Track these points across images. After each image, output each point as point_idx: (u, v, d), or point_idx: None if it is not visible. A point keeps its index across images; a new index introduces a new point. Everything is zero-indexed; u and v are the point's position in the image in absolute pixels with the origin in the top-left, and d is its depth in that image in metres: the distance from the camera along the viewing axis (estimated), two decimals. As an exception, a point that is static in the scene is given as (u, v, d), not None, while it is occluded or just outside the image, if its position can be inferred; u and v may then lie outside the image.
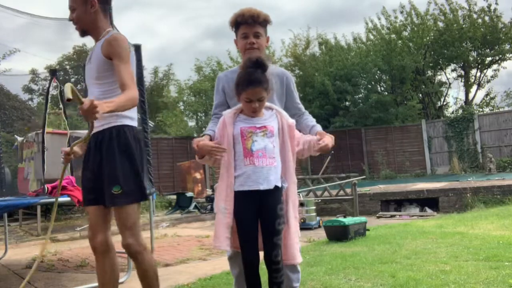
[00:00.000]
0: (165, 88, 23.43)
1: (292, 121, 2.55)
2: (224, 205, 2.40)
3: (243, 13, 2.66)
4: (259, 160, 2.39)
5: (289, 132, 2.52)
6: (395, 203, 10.14)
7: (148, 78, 23.29)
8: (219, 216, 2.41)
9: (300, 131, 2.69)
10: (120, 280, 4.04)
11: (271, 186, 2.39)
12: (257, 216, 2.41)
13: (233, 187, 2.40)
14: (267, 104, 2.56)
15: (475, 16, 18.34)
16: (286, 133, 2.51)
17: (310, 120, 2.83)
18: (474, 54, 19.15)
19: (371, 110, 17.90)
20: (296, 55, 21.20)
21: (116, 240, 2.56)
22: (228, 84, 2.67)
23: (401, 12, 19.37)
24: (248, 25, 2.65)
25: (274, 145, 2.45)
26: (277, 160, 2.45)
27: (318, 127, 2.78)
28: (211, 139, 2.51)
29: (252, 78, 2.38)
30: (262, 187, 2.38)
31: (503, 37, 18.18)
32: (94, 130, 2.46)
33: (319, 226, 7.51)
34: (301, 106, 2.91)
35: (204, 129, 18.59)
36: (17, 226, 8.49)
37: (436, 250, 4.54)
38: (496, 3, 17.97)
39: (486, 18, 18.12)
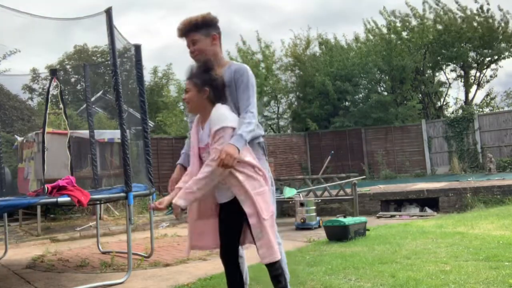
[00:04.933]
0: (165, 88, 23.41)
1: (215, 128, 2.47)
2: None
3: (177, 29, 2.80)
4: None
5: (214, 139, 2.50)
6: (395, 203, 10.12)
7: (148, 77, 23.27)
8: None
9: None
10: (120, 280, 4.05)
11: (226, 199, 2.56)
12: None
13: None
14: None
15: (470, 18, 18.30)
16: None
17: (240, 128, 2.50)
18: (473, 54, 19.15)
19: (371, 110, 17.88)
20: (296, 55, 21.19)
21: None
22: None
23: (400, 13, 19.37)
24: (184, 37, 2.80)
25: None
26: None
27: (232, 139, 2.43)
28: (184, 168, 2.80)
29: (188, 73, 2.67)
30: (223, 202, 2.59)
31: (500, 37, 18.17)
32: None
33: (319, 226, 7.51)
34: (248, 107, 2.61)
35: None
36: (17, 226, 8.49)
37: (436, 250, 4.54)
38: (488, 3, 17.97)
39: (481, 19, 18.10)
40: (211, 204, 2.63)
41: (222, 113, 2.50)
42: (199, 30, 2.74)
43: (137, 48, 5.39)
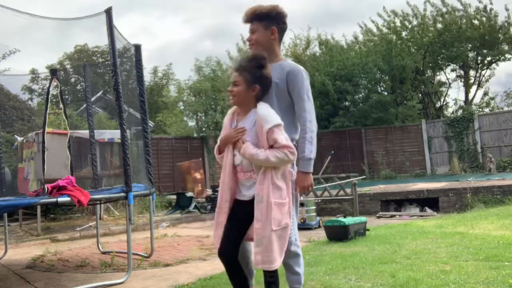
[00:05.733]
0: (165, 88, 23.43)
1: (267, 128, 2.47)
2: None
3: (243, 14, 2.79)
4: (239, 174, 2.59)
5: (268, 140, 2.48)
6: (395, 203, 10.13)
7: (148, 77, 23.29)
8: None
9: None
10: (120, 280, 4.05)
11: (246, 199, 2.54)
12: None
13: None
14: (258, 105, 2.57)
15: (471, 17, 18.28)
16: (264, 141, 2.47)
17: (301, 148, 2.65)
18: (473, 54, 19.13)
19: (371, 110, 17.88)
20: (296, 55, 21.18)
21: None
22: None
23: (398, 14, 19.34)
24: (248, 23, 2.79)
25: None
26: (256, 171, 2.49)
27: (300, 165, 2.65)
28: None
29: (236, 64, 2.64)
30: (242, 198, 2.57)
31: (501, 37, 18.15)
32: None
33: (319, 226, 7.51)
34: (302, 113, 2.68)
35: (204, 129, 18.53)
36: (17, 226, 8.49)
37: (436, 250, 4.54)
38: (491, 3, 17.94)
39: (483, 19, 18.08)
40: (228, 197, 2.61)
41: (268, 113, 2.50)
42: (260, 20, 2.72)
43: (137, 48, 5.39)
